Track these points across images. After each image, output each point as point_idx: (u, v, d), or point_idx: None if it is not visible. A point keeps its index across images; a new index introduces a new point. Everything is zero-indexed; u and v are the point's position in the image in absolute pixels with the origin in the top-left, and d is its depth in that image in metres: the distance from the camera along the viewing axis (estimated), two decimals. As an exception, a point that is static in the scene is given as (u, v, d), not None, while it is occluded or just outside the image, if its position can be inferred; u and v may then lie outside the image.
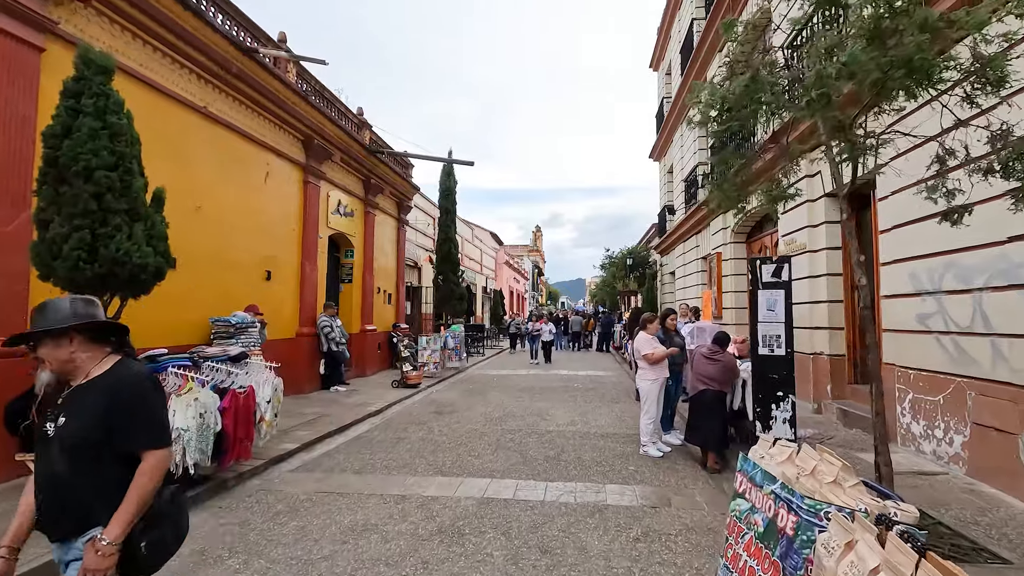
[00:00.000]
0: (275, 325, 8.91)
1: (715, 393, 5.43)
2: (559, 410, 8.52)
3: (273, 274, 8.93)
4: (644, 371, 6.00)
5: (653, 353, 5.91)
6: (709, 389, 5.40)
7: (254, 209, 8.48)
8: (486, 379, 12.64)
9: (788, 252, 8.55)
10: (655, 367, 5.94)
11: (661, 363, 6.00)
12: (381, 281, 13.55)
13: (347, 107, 11.42)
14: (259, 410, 4.91)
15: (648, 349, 5.91)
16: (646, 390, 5.96)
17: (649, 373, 5.95)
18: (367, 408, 8.48)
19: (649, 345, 5.94)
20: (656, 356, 5.92)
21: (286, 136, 9.25)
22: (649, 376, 5.94)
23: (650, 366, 5.93)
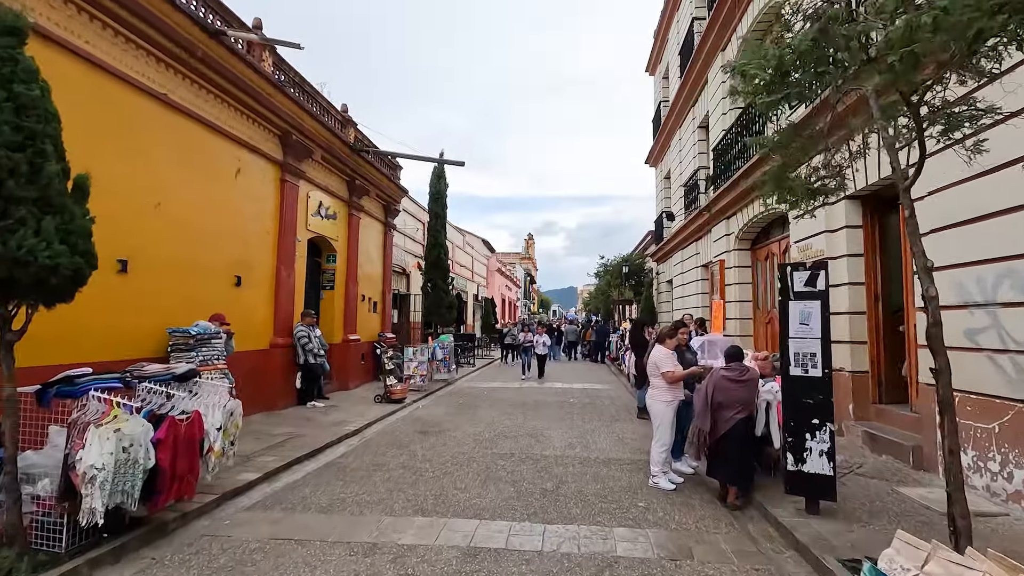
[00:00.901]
0: (245, 335, 8.15)
1: (745, 421, 4.75)
2: (555, 430, 7.81)
3: (244, 279, 8.18)
4: (658, 391, 5.31)
5: (674, 372, 5.22)
6: (740, 417, 4.71)
7: (223, 208, 7.74)
8: (476, 393, 11.90)
9: (801, 260, 7.94)
10: (671, 387, 5.25)
11: (679, 383, 5.32)
12: (366, 288, 12.81)
13: (330, 102, 10.74)
14: (207, 439, 4.16)
15: (668, 366, 5.22)
16: (659, 413, 5.27)
17: (664, 394, 5.26)
18: (344, 427, 7.72)
19: (669, 362, 5.26)
20: (678, 376, 5.24)
21: (260, 130, 8.53)
22: (664, 397, 5.25)
23: (667, 386, 5.24)
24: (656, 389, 5.33)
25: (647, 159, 21.70)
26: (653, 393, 5.35)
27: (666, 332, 5.45)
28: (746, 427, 4.78)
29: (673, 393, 5.26)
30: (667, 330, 5.50)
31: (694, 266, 14.90)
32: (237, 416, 4.63)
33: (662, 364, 5.23)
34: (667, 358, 5.26)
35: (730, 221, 11.65)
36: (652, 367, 5.34)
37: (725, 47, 11.91)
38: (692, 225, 14.24)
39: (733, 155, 10.71)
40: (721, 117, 12.04)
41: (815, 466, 4.10)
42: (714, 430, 4.91)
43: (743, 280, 11.36)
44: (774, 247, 10.28)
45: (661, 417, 5.26)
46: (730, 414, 4.84)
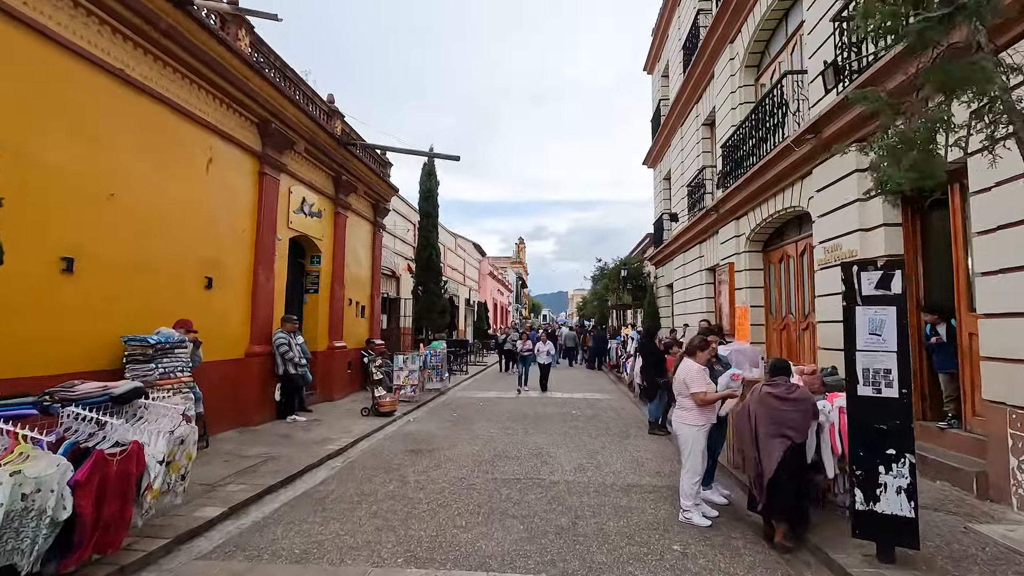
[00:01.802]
0: (217, 343, 7.34)
1: (797, 448, 4.03)
2: (561, 449, 7.07)
3: (217, 281, 7.37)
4: (686, 413, 4.58)
5: (706, 394, 4.49)
6: (791, 444, 4.00)
7: (192, 201, 6.94)
8: (471, 404, 11.12)
9: (827, 261, 7.30)
10: (703, 409, 4.53)
11: (712, 404, 4.60)
12: (353, 292, 12.00)
13: (314, 91, 9.96)
14: (147, 475, 3.37)
15: (701, 386, 4.50)
16: (688, 439, 4.54)
17: (693, 416, 4.53)
18: (327, 446, 6.92)
19: (702, 380, 4.53)
20: (711, 398, 4.52)
21: (236, 117, 7.74)
22: (693, 420, 4.53)
23: (697, 408, 4.52)
24: (684, 411, 4.60)
25: (645, 160, 21.12)
26: (681, 415, 4.62)
27: (696, 344, 4.72)
28: (796, 455, 4.07)
29: (705, 416, 4.54)
30: (697, 341, 4.76)
31: (698, 269, 14.27)
32: (190, 444, 3.84)
33: (693, 383, 4.50)
34: (699, 376, 4.53)
35: (740, 222, 11.03)
36: (680, 385, 4.61)
37: (734, 38, 11.33)
38: (697, 227, 13.62)
39: (746, 151, 10.08)
40: (730, 112, 11.44)
41: (891, 506, 3.40)
42: (757, 458, 4.20)
43: (755, 284, 10.73)
44: (790, 249, 9.66)
45: (691, 443, 4.53)
46: (776, 439, 4.14)
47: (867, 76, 5.64)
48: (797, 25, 9.14)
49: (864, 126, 6.30)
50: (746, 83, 11.13)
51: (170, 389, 5.84)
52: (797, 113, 8.06)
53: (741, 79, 11.16)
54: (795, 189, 8.48)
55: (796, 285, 9.30)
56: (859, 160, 6.59)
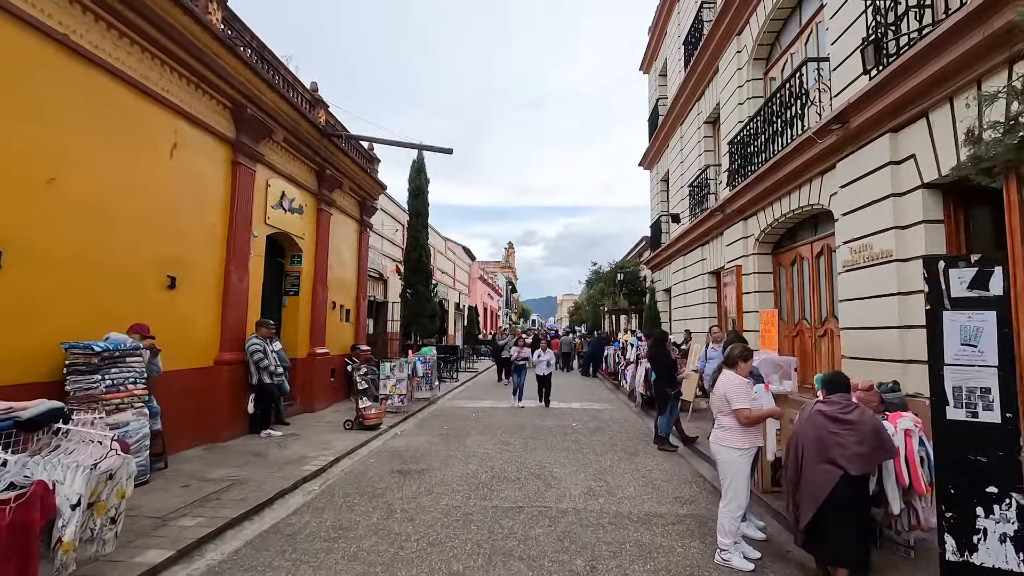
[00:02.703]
0: (181, 350, 6.57)
1: (854, 481, 3.38)
2: (566, 468, 6.37)
3: (182, 280, 6.59)
4: (728, 433, 3.91)
5: (751, 411, 3.83)
6: (845, 475, 3.34)
7: (152, 190, 6.17)
8: (463, 415, 10.39)
9: (855, 262, 6.71)
10: (748, 429, 3.86)
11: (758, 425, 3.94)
12: (337, 294, 11.24)
13: (296, 77, 9.22)
14: (59, 520, 2.62)
15: (745, 401, 3.83)
16: (730, 465, 3.87)
17: (737, 437, 3.85)
18: (303, 466, 6.16)
19: (746, 395, 3.87)
20: (758, 415, 3.87)
21: (205, 99, 6.98)
22: (736, 442, 3.85)
23: (741, 428, 3.85)
24: (725, 431, 3.93)
25: (641, 161, 20.59)
26: (721, 437, 3.95)
27: (737, 353, 4.04)
28: (853, 488, 3.41)
29: (749, 437, 3.87)
30: (739, 350, 4.08)
31: (699, 273, 13.69)
32: (123, 479, 3.09)
33: (736, 398, 3.84)
34: (743, 390, 3.87)
35: (749, 222, 10.45)
36: (720, 401, 3.94)
37: (742, 30, 10.79)
38: (699, 228, 13.04)
39: (757, 147, 9.51)
40: (737, 108, 10.89)
41: (993, 557, 2.76)
42: (807, 489, 3.55)
43: (764, 288, 10.15)
44: (803, 250, 9.08)
45: (732, 471, 3.86)
46: (824, 466, 3.49)
47: (923, 47, 5.05)
48: (813, 12, 8.60)
49: (903, 111, 5.72)
50: (755, 77, 10.59)
51: (120, 404, 5.07)
52: (818, 104, 7.48)
53: (749, 72, 10.61)
54: (814, 186, 7.90)
55: (811, 289, 8.71)
56: (894, 151, 6.02)
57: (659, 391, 7.43)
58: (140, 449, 5.21)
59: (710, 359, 7.97)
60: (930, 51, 5.09)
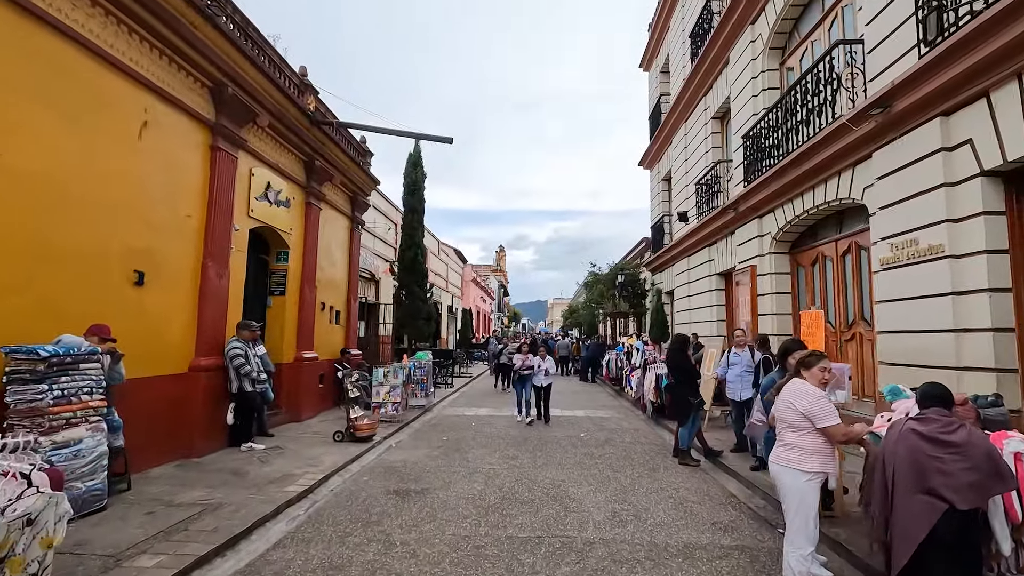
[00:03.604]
0: (150, 354, 5.84)
1: (964, 517, 2.76)
2: (583, 487, 5.72)
3: (151, 277, 5.86)
4: (794, 453, 3.24)
5: (843, 428, 3.18)
6: (951, 509, 2.72)
7: (116, 174, 5.45)
8: (462, 424, 9.70)
9: (897, 260, 6.14)
10: (819, 451, 3.20)
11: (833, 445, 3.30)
12: (327, 295, 10.52)
13: (283, 59, 8.52)
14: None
15: (831, 417, 3.16)
16: (796, 492, 3.22)
17: (804, 459, 3.18)
18: (288, 486, 5.44)
19: (829, 407, 3.22)
20: (859, 432, 3.24)
21: (180, 75, 6.27)
22: (805, 464, 3.18)
23: (811, 447, 3.18)
24: (791, 450, 3.28)
25: (641, 161, 20.06)
26: (787, 458, 3.30)
27: (807, 358, 3.39)
28: (963, 523, 2.80)
29: (821, 460, 3.22)
30: (805, 355, 3.43)
31: (706, 275, 13.14)
32: (49, 523, 2.38)
33: (823, 414, 3.15)
34: (823, 403, 3.22)
35: (764, 220, 9.91)
36: (792, 414, 3.28)
37: (756, 19, 10.27)
38: (707, 228, 12.50)
39: (775, 140, 8.96)
40: (751, 100, 10.36)
41: None
42: (901, 525, 2.93)
43: (781, 289, 9.60)
44: (826, 249, 8.53)
45: (798, 499, 3.21)
46: (921, 498, 2.87)
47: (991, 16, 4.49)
48: (839, -5, 8.09)
49: (958, 91, 5.17)
50: (770, 67, 10.07)
51: (71, 418, 4.35)
52: (850, 89, 6.94)
53: (764, 63, 10.09)
54: (843, 178, 7.36)
55: (836, 290, 8.16)
56: (945, 136, 5.46)
57: (679, 400, 6.80)
58: (95, 471, 4.49)
59: (732, 365, 7.38)
60: (997, 22, 4.54)
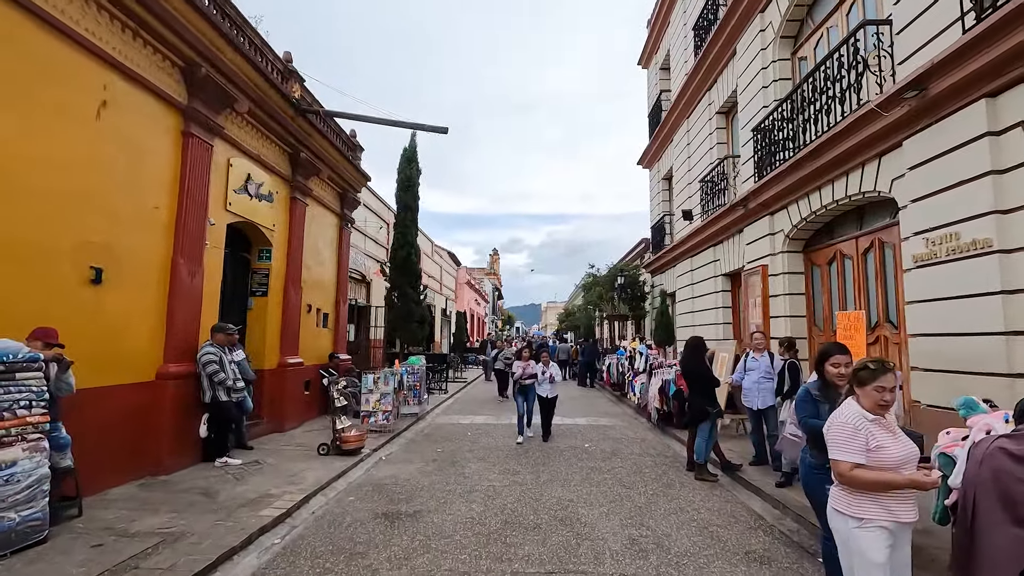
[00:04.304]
0: (109, 361, 5.23)
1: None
2: (593, 508, 5.14)
3: (111, 274, 5.25)
4: (838, 488, 2.60)
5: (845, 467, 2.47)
6: None
7: (69, 157, 4.84)
8: (457, 434, 9.09)
9: (934, 256, 5.63)
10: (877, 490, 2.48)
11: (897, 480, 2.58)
12: (313, 296, 9.90)
13: (265, 41, 7.93)
14: None
15: (845, 449, 2.49)
16: (842, 540, 2.57)
17: (852, 500, 2.51)
18: (262, 509, 4.83)
19: (845, 436, 2.51)
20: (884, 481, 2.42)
21: (147, 51, 5.67)
22: (855, 507, 2.49)
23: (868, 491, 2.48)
24: (836, 485, 2.65)
25: (640, 160, 19.59)
26: (832, 494, 2.66)
27: (861, 371, 2.60)
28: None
29: (873, 503, 2.46)
30: (860, 366, 2.65)
31: (711, 275, 12.64)
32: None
33: (837, 442, 2.53)
34: (850, 430, 2.50)
35: (776, 217, 9.41)
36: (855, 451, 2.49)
37: (766, 6, 9.79)
38: (712, 226, 11.99)
39: (790, 132, 8.47)
40: (761, 92, 9.87)
41: None
42: (988, 559, 2.39)
43: (795, 290, 9.09)
44: (845, 247, 8.03)
45: (848, 552, 2.54)
46: (1009, 529, 2.34)
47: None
48: (859, -22, 7.61)
49: (1008, 69, 4.67)
50: (781, 57, 9.59)
51: (4, 436, 3.73)
52: (878, 74, 6.44)
53: (775, 52, 9.61)
54: (868, 170, 6.85)
55: (857, 290, 7.66)
56: (992, 119, 4.96)
57: (696, 409, 6.25)
58: (33, 497, 3.86)
59: (749, 370, 6.84)
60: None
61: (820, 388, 3.39)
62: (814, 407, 3.36)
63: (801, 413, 3.38)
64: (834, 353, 3.43)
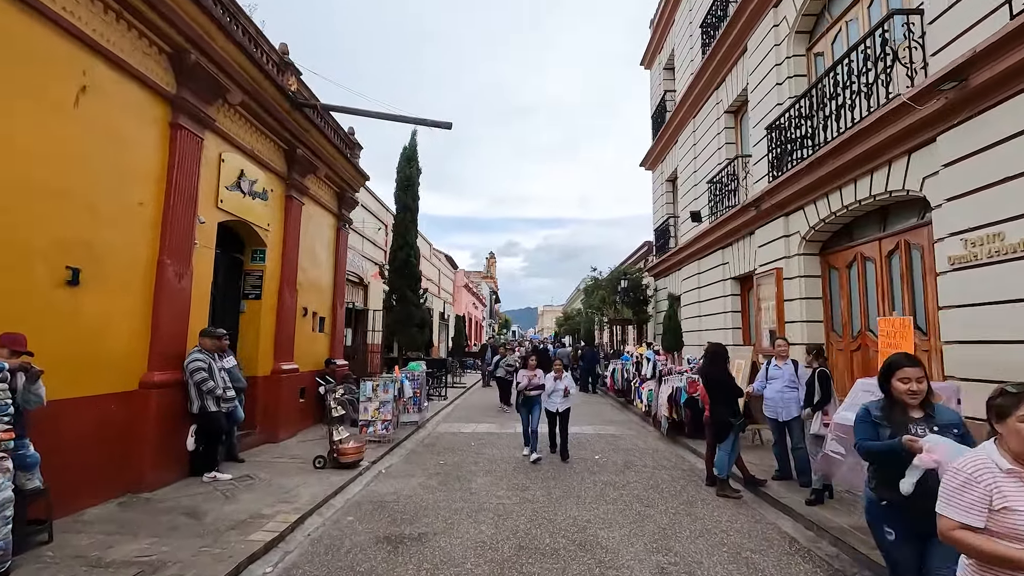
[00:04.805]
0: (87, 370, 4.81)
1: None
2: (613, 529, 4.74)
3: (89, 275, 4.83)
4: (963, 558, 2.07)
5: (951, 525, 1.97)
6: None
7: (42, 148, 4.42)
8: (460, 444, 8.68)
9: (974, 258, 5.27)
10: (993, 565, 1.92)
11: None
12: (309, 299, 9.49)
13: (260, 30, 7.54)
14: None
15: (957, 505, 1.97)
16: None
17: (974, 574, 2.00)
18: (252, 533, 4.41)
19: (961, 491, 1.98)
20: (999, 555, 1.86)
21: (131, 35, 5.27)
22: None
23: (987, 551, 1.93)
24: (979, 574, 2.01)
25: (643, 161, 19.28)
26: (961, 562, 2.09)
27: (997, 398, 2.07)
28: None
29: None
30: (1004, 400, 2.04)
31: (719, 279, 12.29)
32: None
33: (943, 492, 2.04)
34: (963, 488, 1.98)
35: (792, 218, 9.07)
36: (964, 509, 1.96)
37: (779, 1, 9.48)
38: (721, 228, 11.65)
39: (808, 129, 8.13)
40: (775, 89, 9.54)
41: None
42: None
43: (811, 294, 8.74)
44: (866, 249, 7.69)
45: None
46: None
47: None
48: (882, -32, 7.29)
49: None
50: (796, 53, 9.27)
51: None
52: (909, 66, 6.11)
53: (790, 48, 9.29)
54: (896, 168, 6.51)
55: (881, 294, 7.32)
56: (1040, 109, 4.62)
57: (719, 419, 5.87)
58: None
59: (771, 379, 6.47)
60: None
61: (884, 408, 2.92)
62: (873, 430, 2.90)
63: (859, 436, 2.98)
64: (903, 365, 2.89)
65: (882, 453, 2.77)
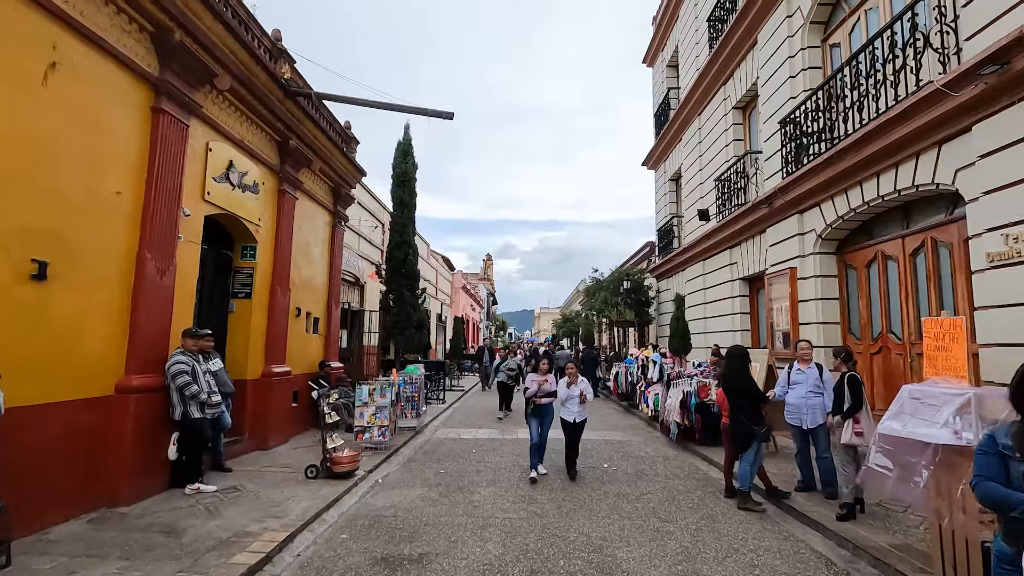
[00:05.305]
0: (54, 373, 4.38)
1: None
2: (632, 548, 4.34)
3: (59, 269, 4.41)
4: None
5: None
6: None
7: (5, 132, 4.00)
8: (461, 451, 8.26)
9: (1013, 255, 4.91)
10: None
11: None
12: (303, 299, 9.06)
13: (251, 13, 7.12)
14: None
15: None
16: None
17: None
18: (235, 555, 3.98)
19: None
20: None
21: (107, 9, 4.86)
22: None
23: None
24: None
25: (645, 161, 18.93)
26: None
27: None
28: None
29: None
30: None
31: (727, 279, 11.93)
32: None
33: None
34: None
35: (807, 216, 8.71)
36: None
37: (795, -9, 9.13)
38: (729, 228, 11.29)
39: (826, 122, 7.78)
40: (788, 82, 9.19)
41: None
42: None
43: (828, 295, 8.38)
44: (889, 247, 7.33)
45: None
46: None
47: None
48: (906, -48, 6.94)
49: None
50: (811, 44, 8.92)
51: None
52: (942, 51, 5.75)
53: (804, 39, 8.94)
54: (925, 160, 6.16)
55: (904, 295, 6.96)
56: (1097, 94, 4.26)
57: (740, 427, 5.48)
58: (-66, 551, 3.00)
59: (793, 384, 6.09)
60: None
61: (1017, 434, 2.16)
62: (999, 466, 2.17)
63: (980, 472, 2.23)
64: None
65: (1011, 505, 2.08)
